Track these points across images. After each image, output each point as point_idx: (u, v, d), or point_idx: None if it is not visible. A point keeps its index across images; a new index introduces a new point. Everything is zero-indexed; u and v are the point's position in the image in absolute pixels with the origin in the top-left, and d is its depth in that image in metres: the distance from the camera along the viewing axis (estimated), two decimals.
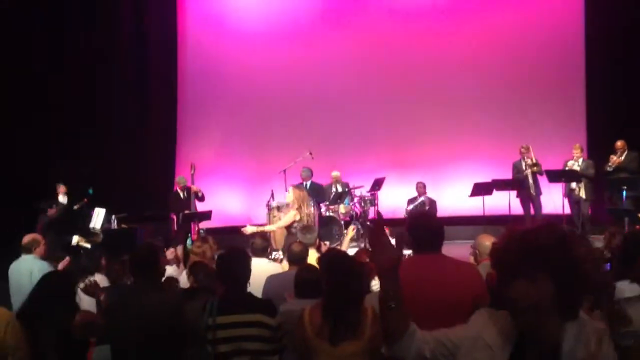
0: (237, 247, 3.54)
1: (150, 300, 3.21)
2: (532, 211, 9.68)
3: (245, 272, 3.34)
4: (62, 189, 9.66)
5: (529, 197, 9.63)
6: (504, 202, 9.73)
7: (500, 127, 11.13)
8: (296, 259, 4.53)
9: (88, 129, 10.82)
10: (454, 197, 10.78)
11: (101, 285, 4.10)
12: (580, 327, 1.60)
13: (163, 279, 3.85)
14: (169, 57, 11.93)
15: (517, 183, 9.62)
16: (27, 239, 5.52)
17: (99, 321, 3.35)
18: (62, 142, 10.52)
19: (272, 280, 4.33)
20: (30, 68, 10.32)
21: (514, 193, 9.79)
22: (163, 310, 3.17)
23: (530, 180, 9.56)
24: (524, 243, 1.58)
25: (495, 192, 9.63)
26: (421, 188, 10.33)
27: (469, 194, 9.61)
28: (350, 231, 6.25)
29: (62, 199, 9.63)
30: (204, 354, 3.16)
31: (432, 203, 10.16)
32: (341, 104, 11.58)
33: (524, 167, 9.63)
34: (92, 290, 3.77)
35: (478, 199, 9.56)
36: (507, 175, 9.87)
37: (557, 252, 1.55)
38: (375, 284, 4.31)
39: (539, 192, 9.65)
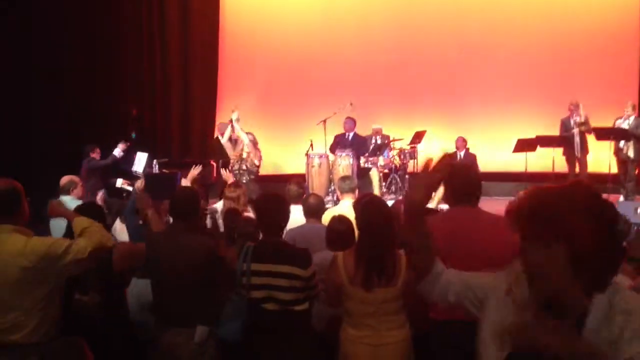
0: (274, 193, 3.51)
1: (189, 240, 3.25)
2: (577, 170, 9.42)
3: (281, 219, 3.30)
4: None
5: (574, 155, 9.36)
6: (548, 160, 9.48)
7: (548, 82, 10.74)
8: (312, 211, 4.49)
9: (133, 74, 10.94)
10: (496, 153, 10.57)
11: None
12: (611, 301, 1.45)
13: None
14: (211, 7, 11.85)
15: (564, 140, 9.33)
16: (64, 180, 5.62)
17: (139, 250, 3.40)
18: (108, 86, 10.68)
19: (288, 234, 4.17)
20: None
21: (558, 151, 9.51)
22: (201, 250, 3.21)
23: (578, 138, 9.27)
24: (540, 205, 1.46)
25: (539, 149, 9.38)
26: (460, 142, 10.12)
27: (512, 150, 9.39)
28: (375, 177, 5.83)
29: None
30: (239, 297, 3.22)
31: (472, 158, 9.96)
32: (383, 56, 11.34)
33: (572, 125, 9.32)
34: (143, 203, 3.84)
35: (521, 156, 9.34)
36: (553, 132, 9.58)
37: (578, 217, 1.41)
38: None
39: (585, 151, 9.37)
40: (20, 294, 2.59)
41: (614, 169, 9.27)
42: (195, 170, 5.52)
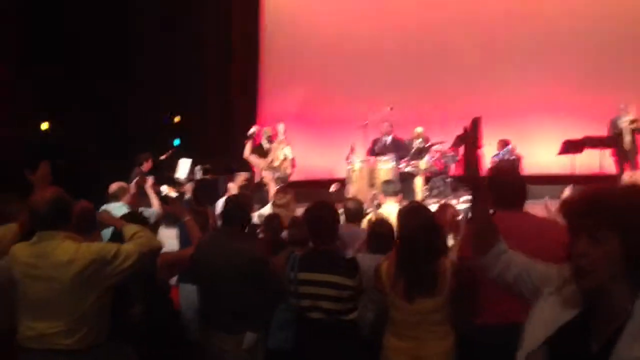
0: (323, 201, 3.49)
1: (237, 246, 3.27)
2: (627, 171, 9.13)
3: (331, 229, 3.29)
4: None
5: (624, 156, 9.07)
6: (595, 160, 9.22)
7: (595, 80, 10.44)
8: (352, 215, 4.47)
9: (175, 81, 11.13)
10: (540, 154, 10.32)
11: None
12: None
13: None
14: (252, 10, 11.96)
15: (613, 141, 9.06)
16: (114, 187, 5.73)
17: (183, 257, 3.43)
18: (151, 93, 10.90)
19: None
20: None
21: (606, 151, 9.24)
22: (249, 257, 3.22)
23: (628, 138, 8.98)
24: (594, 198, 1.44)
25: (587, 150, 9.13)
26: (501, 145, 9.89)
27: (558, 152, 9.16)
28: (419, 185, 5.74)
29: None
30: (287, 306, 3.22)
31: (516, 160, 9.75)
32: (423, 58, 11.26)
33: (621, 124, 9.05)
34: (178, 211, 3.87)
35: (568, 157, 9.11)
36: (599, 132, 9.31)
37: (632, 212, 1.39)
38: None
39: (636, 151, 9.07)
40: (71, 299, 2.65)
41: None
42: (241, 177, 5.58)
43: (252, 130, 8.37)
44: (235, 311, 3.19)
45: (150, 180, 6.37)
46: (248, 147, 8.48)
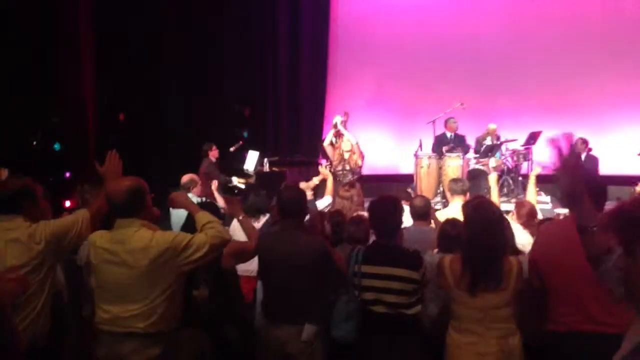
0: (388, 195, 3.48)
1: (300, 239, 3.28)
2: None
3: (395, 222, 3.28)
4: None
5: None
6: None
7: None
8: (419, 212, 4.42)
9: (244, 73, 11.33)
10: (620, 154, 9.87)
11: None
12: None
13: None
14: (321, 5, 11.99)
15: None
16: (185, 178, 5.92)
17: (248, 247, 3.46)
18: (220, 85, 11.14)
19: None
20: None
21: None
22: (312, 250, 3.23)
23: None
24: (628, 214, 1.42)
25: None
26: (580, 144, 9.48)
27: (639, 152, 8.73)
28: (494, 181, 5.58)
29: None
30: (350, 298, 3.23)
31: (594, 161, 9.33)
32: (495, 54, 10.98)
33: None
34: (233, 209, 3.91)
35: None
36: None
37: None
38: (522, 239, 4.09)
39: None
40: (146, 284, 2.75)
41: None
42: (315, 181, 5.59)
43: (335, 119, 8.36)
44: (297, 303, 3.20)
45: (215, 182, 6.52)
46: (329, 137, 8.48)
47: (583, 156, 9.33)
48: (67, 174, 9.19)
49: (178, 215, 5.46)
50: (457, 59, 11.14)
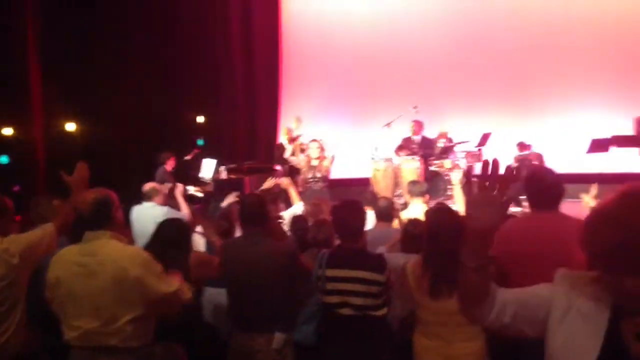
0: (351, 199, 3.51)
1: (265, 246, 3.27)
2: None
3: (358, 225, 3.30)
4: None
5: None
6: (621, 160, 9.09)
7: (622, 81, 10.31)
8: (383, 214, 4.48)
9: (198, 81, 11.23)
10: (565, 153, 10.22)
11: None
12: None
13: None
14: (273, 12, 12.02)
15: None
16: (147, 187, 5.80)
17: (213, 260, 3.46)
18: (174, 93, 11.00)
19: None
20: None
21: (635, 150, 9.10)
22: (279, 256, 3.23)
23: None
24: (627, 237, 1.32)
25: (614, 149, 8.99)
26: (521, 148, 9.78)
27: (587, 151, 9.03)
28: (457, 180, 5.62)
29: None
30: (316, 302, 3.24)
31: (539, 157, 9.62)
32: (447, 57, 11.20)
33: None
34: (209, 233, 3.92)
35: (596, 156, 8.99)
36: (624, 132, 9.17)
37: None
38: None
39: None
40: (116, 298, 2.68)
41: None
42: (269, 183, 5.60)
43: (294, 129, 8.36)
44: (265, 311, 3.20)
45: (180, 187, 6.48)
46: (288, 148, 8.45)
47: (528, 155, 9.60)
48: (16, 187, 8.90)
49: (141, 229, 5.39)
50: (410, 63, 11.32)
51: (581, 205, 4.48)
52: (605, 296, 1.47)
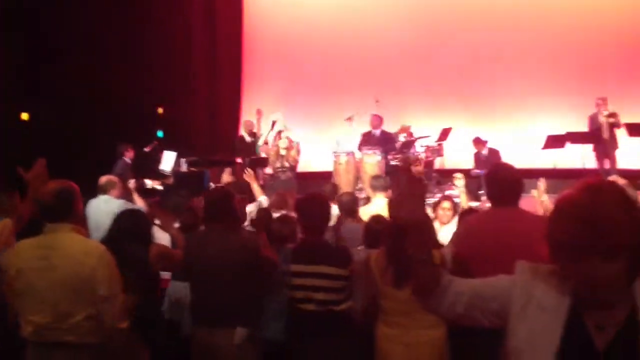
0: (315, 193, 3.51)
1: (229, 240, 3.25)
2: (607, 166, 9.29)
3: (322, 220, 3.31)
4: None
5: (604, 150, 9.22)
6: (577, 155, 9.37)
7: (577, 78, 10.60)
8: (346, 209, 4.50)
9: (158, 72, 11.03)
10: (523, 149, 10.46)
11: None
12: None
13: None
14: (235, 4, 11.91)
15: (594, 136, 9.19)
16: (103, 180, 5.70)
17: (176, 254, 3.42)
18: (134, 84, 10.78)
19: None
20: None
21: (588, 147, 9.38)
22: (242, 250, 3.21)
23: (607, 133, 9.12)
24: (591, 220, 1.37)
25: (569, 145, 9.25)
26: (476, 143, 9.88)
27: (542, 147, 9.27)
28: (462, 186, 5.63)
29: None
30: (281, 298, 3.24)
31: (496, 154, 9.78)
32: (409, 52, 11.30)
33: (600, 120, 9.18)
34: (167, 226, 3.85)
35: (550, 152, 9.23)
36: (581, 128, 9.45)
37: (628, 224, 1.37)
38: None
39: (614, 146, 9.22)
40: (75, 292, 2.64)
41: None
42: (227, 177, 5.56)
43: (273, 119, 8.30)
44: (227, 306, 3.17)
45: (133, 182, 6.36)
46: (268, 137, 8.37)
47: (486, 152, 9.77)
48: None
49: (96, 222, 5.27)
50: (372, 57, 11.37)
51: (531, 199, 4.60)
52: (566, 288, 1.50)
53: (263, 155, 9.19)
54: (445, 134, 10.17)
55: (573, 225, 1.40)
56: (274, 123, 8.15)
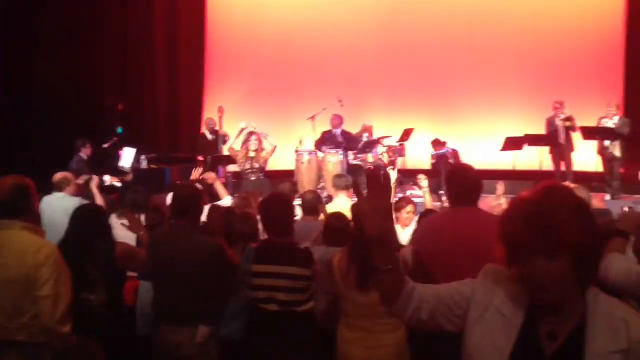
0: (279, 193, 3.49)
1: (193, 239, 3.22)
2: (563, 168, 9.52)
3: (286, 220, 3.29)
4: None
5: (560, 153, 9.45)
6: (535, 158, 9.59)
7: (535, 82, 10.86)
8: (309, 207, 4.51)
9: (119, 67, 10.83)
10: (483, 151, 10.65)
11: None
12: (601, 302, 1.47)
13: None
14: (197, 4, 11.79)
15: (551, 139, 9.41)
16: (58, 176, 5.56)
17: (140, 253, 3.38)
18: (94, 80, 10.55)
19: None
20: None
21: (546, 149, 9.61)
22: (206, 249, 3.19)
23: (563, 136, 9.35)
24: (538, 215, 1.41)
25: (527, 148, 9.45)
26: (435, 145, 10.01)
27: (501, 148, 9.45)
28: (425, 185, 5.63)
29: None
30: (241, 297, 3.22)
31: (455, 153, 9.95)
32: (372, 52, 11.39)
33: (557, 123, 9.41)
34: (135, 227, 3.79)
35: (509, 153, 9.42)
36: (539, 130, 9.67)
37: (577, 225, 1.40)
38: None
39: (570, 149, 9.45)
40: (26, 291, 2.57)
41: (599, 168, 9.38)
42: (196, 173, 5.50)
43: (242, 124, 8.20)
44: (190, 304, 3.14)
45: (96, 179, 6.24)
46: (236, 142, 8.26)
47: (444, 152, 9.90)
48: None
49: (50, 221, 5.14)
50: (335, 57, 11.41)
51: (489, 200, 4.70)
52: (524, 296, 1.52)
53: (226, 153, 9.09)
54: (407, 134, 10.26)
55: (519, 224, 1.43)
56: (241, 131, 8.07)
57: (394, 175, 5.61)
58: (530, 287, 1.46)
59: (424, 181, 5.31)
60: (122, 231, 3.85)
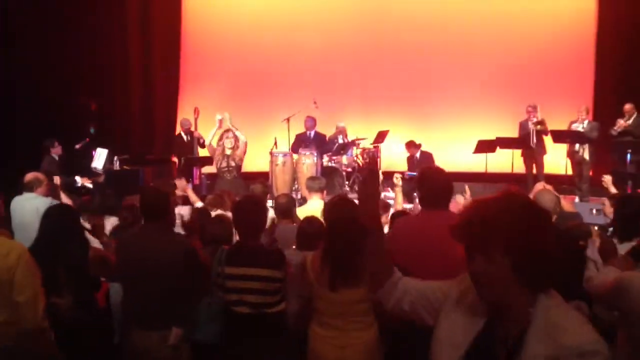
0: (251, 196, 3.49)
1: (164, 241, 3.20)
2: (534, 170, 9.68)
3: (258, 223, 3.29)
4: None
5: (532, 156, 9.60)
6: (507, 160, 9.73)
7: (508, 86, 11.03)
8: (283, 210, 4.51)
9: (92, 67, 10.67)
10: (456, 153, 10.76)
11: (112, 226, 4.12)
12: (550, 307, 1.50)
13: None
14: (173, 5, 11.70)
15: (522, 142, 9.56)
16: (29, 177, 5.47)
17: (111, 258, 3.35)
18: (66, 79, 10.38)
19: None
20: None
21: (517, 151, 9.75)
22: (177, 251, 3.17)
23: (534, 139, 9.50)
24: (480, 217, 1.48)
25: (499, 150, 9.59)
26: (409, 147, 10.01)
27: (473, 151, 9.57)
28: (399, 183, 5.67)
29: None
30: (214, 300, 3.21)
31: (429, 156, 9.99)
32: (346, 55, 11.44)
33: (529, 126, 9.56)
34: (98, 232, 3.77)
35: (481, 157, 9.54)
36: (512, 134, 9.82)
37: (515, 228, 1.45)
38: None
39: (542, 152, 9.62)
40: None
41: (570, 171, 9.56)
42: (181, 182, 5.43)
43: (218, 116, 8.09)
44: (161, 307, 3.13)
45: (57, 180, 6.15)
46: (214, 136, 8.16)
47: (418, 155, 9.97)
48: None
49: (21, 221, 5.08)
50: (310, 60, 11.43)
51: (456, 203, 4.74)
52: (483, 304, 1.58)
53: (202, 154, 9.03)
54: (382, 136, 10.32)
55: (466, 225, 1.51)
56: (220, 122, 7.98)
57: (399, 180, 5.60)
58: (474, 285, 1.53)
59: (399, 180, 5.36)
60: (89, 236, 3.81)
